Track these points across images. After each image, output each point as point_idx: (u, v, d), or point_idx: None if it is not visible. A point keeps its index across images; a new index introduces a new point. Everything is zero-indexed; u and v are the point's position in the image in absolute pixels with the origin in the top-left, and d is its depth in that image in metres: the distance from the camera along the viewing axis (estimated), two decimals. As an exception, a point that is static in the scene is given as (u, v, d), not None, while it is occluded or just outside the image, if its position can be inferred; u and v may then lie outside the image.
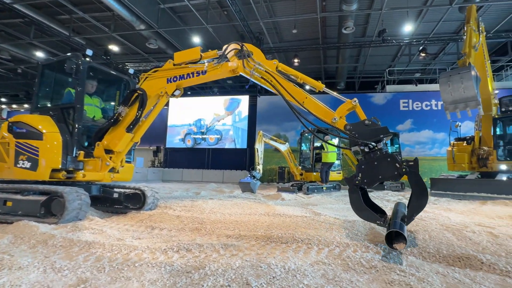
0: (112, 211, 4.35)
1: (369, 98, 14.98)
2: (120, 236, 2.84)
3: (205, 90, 20.82)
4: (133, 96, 3.94)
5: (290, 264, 2.13)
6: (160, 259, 2.20)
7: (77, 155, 3.82)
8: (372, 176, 2.65)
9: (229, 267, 2.03)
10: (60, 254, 2.31)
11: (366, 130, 2.75)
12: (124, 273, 1.92)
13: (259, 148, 8.41)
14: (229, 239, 2.89)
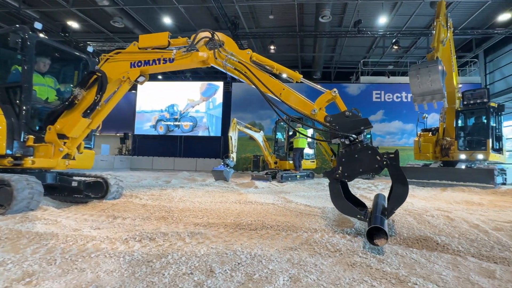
0: (71, 200, 4.10)
1: (344, 88, 15.36)
2: (77, 227, 2.68)
3: (177, 75, 20.09)
4: (91, 78, 3.64)
5: (257, 250, 2.14)
6: (119, 249, 2.11)
7: (25, 139, 3.50)
8: (352, 169, 2.63)
9: (193, 255, 1.99)
10: (5, 247, 2.13)
11: (347, 122, 2.71)
12: (77, 265, 1.81)
13: (233, 136, 8.34)
14: (197, 227, 2.84)
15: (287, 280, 1.65)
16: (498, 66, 15.24)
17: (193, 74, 20.55)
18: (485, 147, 8.09)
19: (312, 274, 1.72)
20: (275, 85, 3.15)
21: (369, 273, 1.75)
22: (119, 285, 1.56)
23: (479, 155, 8.06)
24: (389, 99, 14.92)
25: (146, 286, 1.56)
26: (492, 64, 15.74)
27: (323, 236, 2.56)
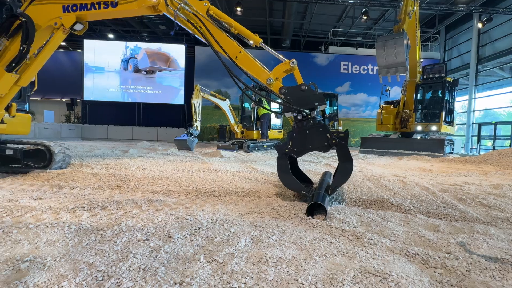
0: (7, 170, 3.68)
1: (312, 58, 15.39)
2: (12, 197, 2.42)
3: (132, 34, 18.37)
4: (14, 24, 3.09)
5: (219, 215, 2.12)
6: (64, 219, 1.95)
7: None
8: (302, 145, 2.62)
9: (150, 221, 1.91)
10: None
11: (302, 96, 2.65)
12: (11, 236, 1.63)
13: (197, 104, 8.02)
14: (155, 195, 2.73)
15: (249, 241, 1.66)
16: (456, 43, 16.26)
17: (150, 35, 18.98)
18: (439, 119, 8.81)
19: (274, 235, 1.75)
20: (232, 47, 2.92)
21: (329, 231, 1.82)
22: (62, 254, 1.44)
23: (433, 126, 8.78)
24: (356, 71, 15.33)
25: (95, 254, 1.46)
26: (451, 41, 16.75)
27: (285, 200, 2.63)
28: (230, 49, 2.90)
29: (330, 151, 2.64)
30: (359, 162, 6.37)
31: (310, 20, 17.00)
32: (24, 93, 3.62)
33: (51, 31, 3.26)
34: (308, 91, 2.66)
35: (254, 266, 1.36)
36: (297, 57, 13.13)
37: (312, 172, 4.60)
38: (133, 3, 3.04)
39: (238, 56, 2.92)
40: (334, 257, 1.45)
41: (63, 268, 1.31)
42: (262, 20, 17.35)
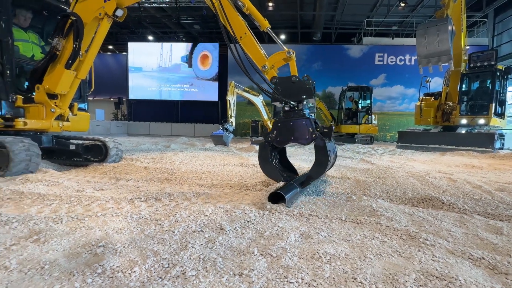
0: (71, 164, 4.05)
1: (345, 50, 14.80)
2: (79, 188, 2.65)
3: (169, 35, 19.04)
4: (66, 24, 3.33)
5: (265, 209, 2.14)
6: (126, 209, 2.10)
7: (13, 100, 3.32)
8: (285, 135, 2.61)
9: (201, 213, 1.99)
10: (9, 207, 2.10)
11: (291, 87, 2.62)
12: (85, 223, 1.79)
13: (231, 100, 8.13)
14: (201, 188, 2.83)
15: (298, 236, 1.66)
16: (507, 27, 14.62)
17: (186, 35, 19.52)
18: (487, 111, 8.03)
19: (322, 231, 1.73)
20: (239, 26, 2.87)
21: (379, 230, 1.76)
22: (129, 242, 1.55)
23: (480, 119, 8.03)
24: (392, 62, 14.48)
25: (157, 242, 1.55)
26: (501, 25, 15.09)
27: (330, 195, 2.58)
28: (237, 28, 2.85)
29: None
30: (397, 158, 6.06)
31: (342, 11, 16.32)
32: (83, 93, 3.93)
33: (97, 23, 3.46)
34: (298, 83, 2.62)
35: (308, 262, 1.36)
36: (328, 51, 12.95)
37: (349, 168, 4.47)
38: None
39: (243, 37, 2.87)
40: (390, 256, 1.39)
41: (132, 255, 1.41)
42: (293, 14, 17.01)
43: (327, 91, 14.30)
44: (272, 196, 2.23)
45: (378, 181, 3.38)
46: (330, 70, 14.31)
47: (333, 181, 3.32)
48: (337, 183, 3.27)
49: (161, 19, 16.40)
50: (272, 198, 2.23)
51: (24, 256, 1.36)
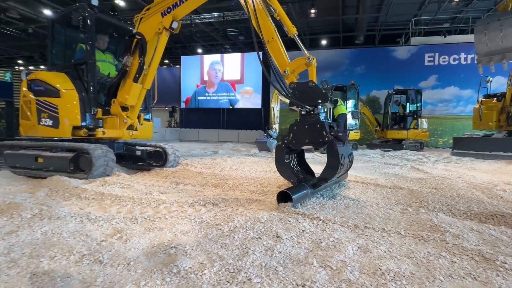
0: (136, 168, 4.45)
1: (391, 52, 13.88)
2: (147, 191, 2.90)
3: (216, 47, 19.89)
4: (133, 43, 3.71)
5: (318, 219, 2.11)
6: (188, 212, 2.23)
7: (95, 112, 3.78)
8: (300, 138, 2.66)
9: (257, 220, 2.03)
10: (94, 206, 2.38)
11: (307, 93, 2.65)
12: (156, 224, 1.95)
13: (275, 107, 8.18)
14: (253, 194, 2.89)
15: (356, 249, 1.60)
16: None
17: (232, 46, 20.20)
18: None
19: (381, 246, 1.64)
20: (268, 30, 2.90)
21: (446, 248, 1.62)
22: (196, 245, 1.65)
23: (556, 123, 6.88)
24: (445, 61, 13.17)
25: (220, 247, 1.62)
26: None
27: (383, 207, 2.45)
28: (266, 32, 2.90)
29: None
30: (454, 166, 5.49)
31: (387, 12, 15.38)
32: (148, 105, 4.30)
33: (157, 38, 3.80)
34: (315, 88, 2.64)
35: (371, 277, 1.30)
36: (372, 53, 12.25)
37: (400, 177, 4.18)
38: None
39: (270, 41, 2.90)
40: (463, 279, 1.27)
41: (201, 257, 1.50)
42: (334, 19, 16.53)
43: (371, 95, 13.55)
44: (280, 195, 2.34)
45: (436, 192, 3.10)
46: (375, 73, 13.54)
47: (384, 191, 3.14)
48: (389, 193, 3.08)
49: (209, 33, 17.24)
50: (281, 197, 2.34)
51: (112, 252, 1.53)
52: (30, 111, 3.76)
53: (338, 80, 13.68)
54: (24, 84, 3.91)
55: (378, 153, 8.36)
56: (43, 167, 3.55)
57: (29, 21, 16.16)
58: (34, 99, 3.71)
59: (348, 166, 2.77)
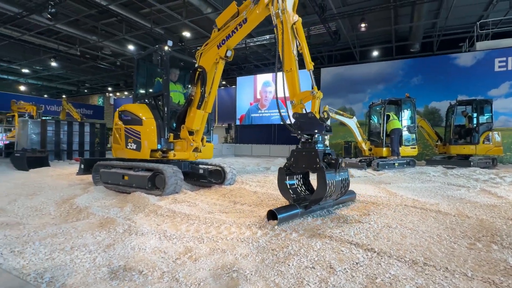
0: (199, 184, 4.84)
1: (452, 60, 12.36)
2: (210, 210, 3.15)
3: (269, 66, 20.46)
4: (196, 75, 4.16)
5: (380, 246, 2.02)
6: (246, 234, 2.36)
7: (168, 137, 4.28)
8: (299, 163, 2.88)
9: (310, 248, 2.05)
10: (167, 223, 2.69)
11: (306, 123, 2.86)
12: (219, 245, 2.12)
13: (325, 123, 8.01)
14: (306, 219, 2.90)
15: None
16: None
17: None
18: None
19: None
20: (290, 60, 3.08)
21: (524, 299, 1.41)
22: (255, 270, 1.75)
23: None
24: (520, 66, 11.19)
25: (276, 274, 1.70)
26: None
27: (446, 240, 2.22)
28: (287, 61, 3.09)
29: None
30: (539, 189, 4.60)
31: (446, 16, 13.85)
32: (209, 128, 4.69)
33: (215, 67, 4.19)
34: (313, 120, 2.83)
35: (432, 326, 1.22)
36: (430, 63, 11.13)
37: (467, 202, 3.69)
38: (256, 10, 3.56)
39: (289, 71, 3.10)
40: None
41: (260, 284, 1.59)
42: (386, 29, 15.56)
43: (430, 106, 12.20)
44: (270, 213, 2.61)
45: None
46: (433, 84, 12.19)
47: (448, 220, 2.82)
48: (453, 222, 2.75)
49: (262, 53, 17.92)
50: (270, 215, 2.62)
51: (185, 271, 1.72)
52: (120, 136, 4.46)
53: (392, 92, 12.73)
54: (116, 114, 4.66)
55: (440, 171, 7.45)
56: (128, 184, 4.15)
57: (118, 55, 19.10)
58: (123, 127, 4.40)
59: (342, 190, 2.87)
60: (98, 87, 28.49)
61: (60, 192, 4.16)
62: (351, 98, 14.25)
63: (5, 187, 4.68)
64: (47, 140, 8.33)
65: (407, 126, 8.27)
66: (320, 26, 13.49)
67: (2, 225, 2.60)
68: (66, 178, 5.73)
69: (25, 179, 5.52)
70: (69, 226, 2.52)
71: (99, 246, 2.09)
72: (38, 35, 15.54)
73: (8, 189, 4.46)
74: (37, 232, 2.37)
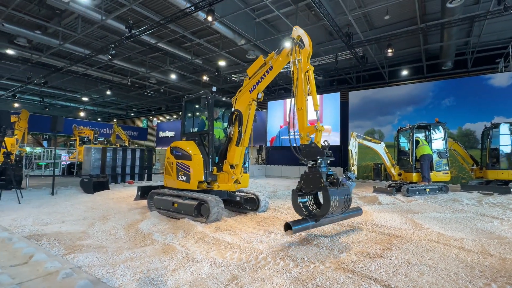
0: (236, 211, 5.37)
1: (486, 80, 11.79)
2: (248, 239, 3.62)
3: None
4: (233, 117, 4.84)
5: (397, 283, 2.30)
6: (280, 265, 2.77)
7: (212, 170, 4.92)
8: (307, 185, 3.46)
9: (335, 281, 2.40)
10: (214, 251, 3.20)
11: (310, 151, 3.49)
12: (258, 275, 2.56)
13: (353, 149, 8.19)
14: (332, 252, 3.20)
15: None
16: None
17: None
18: None
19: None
20: (302, 101, 3.83)
21: None
22: (289, 298, 2.16)
23: None
24: None
25: (306, 303, 2.09)
26: None
27: (462, 279, 2.41)
28: (299, 100, 3.84)
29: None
30: None
31: (479, 34, 13.35)
32: (245, 160, 5.26)
33: (248, 108, 4.87)
34: (316, 148, 3.46)
35: None
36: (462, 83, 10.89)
37: (494, 238, 3.70)
38: (279, 58, 4.42)
39: (299, 109, 3.84)
40: None
41: (292, 311, 2.00)
42: (416, 49, 15.34)
43: (464, 128, 11.66)
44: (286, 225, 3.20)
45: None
46: (467, 105, 11.68)
47: (469, 258, 2.94)
48: (474, 261, 2.87)
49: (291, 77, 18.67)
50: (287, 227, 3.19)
51: (235, 296, 2.19)
52: (172, 169, 5.20)
53: (422, 114, 12.44)
54: (168, 150, 5.44)
55: (475, 198, 7.13)
56: (177, 210, 4.80)
57: (161, 83, 21.13)
58: (175, 161, 5.13)
59: (345, 204, 3.39)
60: (143, 111, 31.33)
61: (125, 216, 4.95)
62: (380, 121, 14.11)
63: (80, 210, 5.64)
64: (106, 164, 9.63)
65: (437, 151, 8.10)
66: (347, 52, 13.82)
67: (90, 247, 3.33)
68: (124, 201, 6.65)
69: (93, 202, 6.52)
70: (140, 251, 3.16)
71: (167, 270, 2.66)
72: (97, 70, 17.97)
73: (83, 212, 5.39)
74: (119, 256, 3.02)
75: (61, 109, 29.11)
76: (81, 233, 3.93)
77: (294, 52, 3.97)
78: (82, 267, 2.65)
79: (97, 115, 33.66)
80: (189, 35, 13.66)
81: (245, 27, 12.70)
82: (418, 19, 11.86)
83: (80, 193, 7.98)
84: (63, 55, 16.08)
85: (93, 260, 2.86)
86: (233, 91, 23.55)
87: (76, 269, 2.47)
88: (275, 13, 11.81)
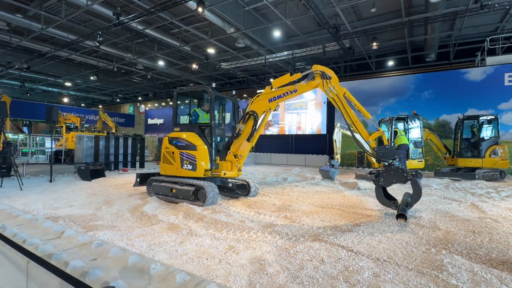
0: (228, 195, 6.00)
1: (462, 74, 12.67)
2: (241, 219, 4.25)
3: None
4: (247, 116, 5.42)
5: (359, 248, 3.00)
6: (268, 238, 3.42)
7: (215, 159, 5.49)
8: (389, 180, 4.23)
9: (311, 248, 3.07)
10: (213, 228, 3.82)
11: (387, 152, 4.27)
12: (251, 245, 3.20)
13: (337, 139, 8.91)
14: (311, 228, 3.89)
15: (370, 274, 2.49)
16: None
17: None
18: None
19: (389, 274, 2.48)
20: (353, 117, 4.65)
21: (435, 281, 2.35)
22: (275, 260, 2.81)
23: None
24: (530, 81, 11.35)
25: (287, 263, 2.74)
26: None
27: (411, 246, 3.14)
28: (353, 118, 4.66)
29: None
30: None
31: (461, 27, 14.14)
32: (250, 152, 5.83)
33: (263, 114, 5.47)
34: (390, 149, 4.31)
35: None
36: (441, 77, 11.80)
37: (448, 216, 4.48)
38: (306, 87, 5.00)
39: (355, 123, 4.65)
40: (428, 300, 2.08)
41: (277, 268, 2.65)
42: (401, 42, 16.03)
43: (441, 119, 12.63)
44: (400, 215, 3.97)
45: (470, 236, 3.47)
46: (444, 97, 12.60)
47: (421, 231, 3.67)
48: (425, 233, 3.59)
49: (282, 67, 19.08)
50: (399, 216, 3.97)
51: (233, 258, 2.82)
52: (173, 158, 5.65)
53: (404, 105, 13.30)
54: (166, 140, 5.86)
55: (443, 183, 8.07)
56: (175, 196, 5.36)
57: (149, 70, 20.99)
58: (177, 151, 5.57)
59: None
60: (129, 97, 30.92)
61: (127, 201, 5.47)
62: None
63: (83, 196, 6.10)
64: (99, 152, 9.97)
65: (414, 140, 8.94)
66: (335, 43, 14.31)
67: (104, 227, 3.87)
68: (122, 188, 7.13)
69: (92, 189, 6.96)
70: (149, 229, 3.73)
71: (175, 242, 3.26)
72: (81, 55, 17.67)
73: (87, 198, 5.86)
74: (131, 232, 3.59)
75: (43, 94, 28.37)
76: (91, 215, 4.45)
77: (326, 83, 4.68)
78: (103, 241, 3.20)
79: (81, 100, 32.93)
80: (177, 22, 13.68)
81: (234, 15, 12.86)
82: (403, 12, 12.43)
83: (77, 180, 8.36)
84: (45, 39, 15.72)
85: (111, 236, 3.42)
86: (222, 78, 23.71)
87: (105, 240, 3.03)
88: (264, 2, 12.03)
